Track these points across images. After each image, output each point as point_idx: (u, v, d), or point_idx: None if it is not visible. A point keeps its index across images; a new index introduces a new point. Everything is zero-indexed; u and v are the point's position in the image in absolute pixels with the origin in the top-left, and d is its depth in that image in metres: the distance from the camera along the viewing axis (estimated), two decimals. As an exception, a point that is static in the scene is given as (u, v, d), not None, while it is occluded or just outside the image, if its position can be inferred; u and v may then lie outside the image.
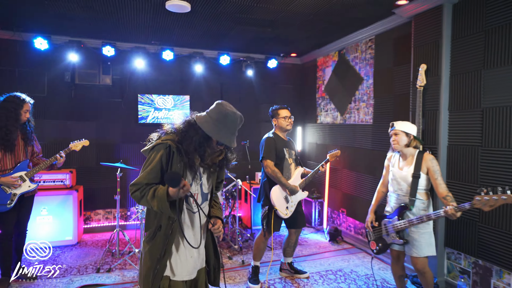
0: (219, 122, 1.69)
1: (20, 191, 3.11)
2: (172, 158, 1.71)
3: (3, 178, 3.00)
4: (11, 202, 3.04)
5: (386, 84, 4.08)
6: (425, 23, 3.36)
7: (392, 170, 2.75)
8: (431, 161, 2.59)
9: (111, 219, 5.08)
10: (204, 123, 1.70)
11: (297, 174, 3.37)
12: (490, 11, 2.87)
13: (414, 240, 2.61)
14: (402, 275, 2.87)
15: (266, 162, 3.21)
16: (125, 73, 5.08)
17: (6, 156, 3.05)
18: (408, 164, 2.66)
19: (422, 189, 2.61)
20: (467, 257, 3.10)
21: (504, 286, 2.80)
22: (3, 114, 2.99)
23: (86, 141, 3.47)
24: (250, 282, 3.32)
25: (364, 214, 4.45)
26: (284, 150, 3.30)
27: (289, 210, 3.28)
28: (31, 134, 3.23)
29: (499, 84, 2.81)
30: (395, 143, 2.68)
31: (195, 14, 3.75)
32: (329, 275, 3.59)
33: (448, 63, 3.21)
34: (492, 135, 2.87)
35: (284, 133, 3.41)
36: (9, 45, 4.53)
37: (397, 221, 2.65)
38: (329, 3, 3.44)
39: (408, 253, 2.67)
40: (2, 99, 3.06)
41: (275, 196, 3.21)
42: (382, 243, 2.79)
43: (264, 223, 3.26)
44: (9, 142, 3.01)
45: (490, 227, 2.88)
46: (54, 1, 3.43)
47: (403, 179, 2.66)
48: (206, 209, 1.89)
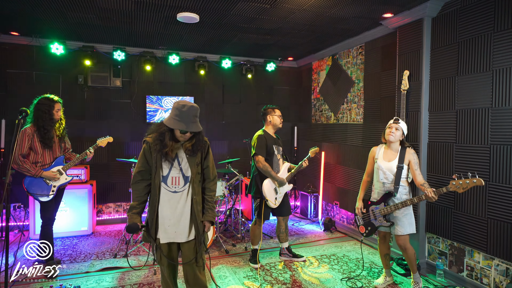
0: (176, 116, 2.21)
1: (59, 183, 3.47)
2: (150, 150, 2.29)
3: (45, 172, 3.37)
4: (52, 193, 3.42)
5: (375, 87, 4.51)
6: (408, 34, 3.79)
7: (378, 162, 3.17)
8: (413, 155, 3.05)
9: (121, 212, 5.44)
10: (166, 120, 2.24)
11: (285, 168, 3.81)
12: (462, 25, 3.30)
13: (398, 220, 3.04)
14: (388, 254, 3.32)
15: (258, 158, 3.61)
16: (134, 76, 5.45)
17: (45, 152, 3.41)
18: (393, 157, 3.09)
19: (404, 177, 3.06)
20: (444, 241, 3.53)
21: (475, 264, 3.23)
22: (39, 115, 3.32)
23: (110, 138, 3.85)
24: (251, 262, 3.78)
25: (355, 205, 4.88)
26: (273, 147, 3.71)
27: (278, 201, 3.71)
28: (64, 131, 3.59)
29: (470, 89, 3.24)
30: (392, 135, 3.06)
31: (202, 24, 4.13)
32: (324, 258, 4.01)
33: (428, 70, 3.63)
34: (464, 133, 3.30)
35: (274, 131, 3.81)
36: (28, 50, 4.88)
37: (383, 206, 3.08)
38: (323, 16, 3.85)
39: (393, 232, 3.10)
40: (35, 102, 3.38)
41: (266, 189, 3.63)
42: (370, 226, 3.21)
43: (256, 213, 3.72)
44: (48, 140, 3.36)
45: (463, 213, 3.31)
46: (74, 12, 3.78)
47: (389, 170, 3.08)
48: (190, 190, 2.35)
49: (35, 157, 3.36)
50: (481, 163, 3.14)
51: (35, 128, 3.33)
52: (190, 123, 2.21)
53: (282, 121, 3.85)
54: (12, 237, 4.62)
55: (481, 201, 3.15)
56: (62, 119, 3.53)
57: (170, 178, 2.31)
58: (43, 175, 3.36)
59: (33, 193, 3.37)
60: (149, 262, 3.78)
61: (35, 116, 3.34)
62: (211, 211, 2.43)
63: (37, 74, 4.96)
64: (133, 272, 3.55)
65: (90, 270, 3.58)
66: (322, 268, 3.74)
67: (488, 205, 3.09)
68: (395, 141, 3.09)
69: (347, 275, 3.57)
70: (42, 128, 3.32)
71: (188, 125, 2.20)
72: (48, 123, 3.35)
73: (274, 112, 3.77)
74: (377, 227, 3.18)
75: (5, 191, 2.46)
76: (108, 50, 5.22)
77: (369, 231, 3.22)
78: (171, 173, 2.31)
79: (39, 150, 3.36)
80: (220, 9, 3.64)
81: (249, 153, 5.62)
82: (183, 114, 2.20)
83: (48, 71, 5.01)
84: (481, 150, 3.14)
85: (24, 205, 4.87)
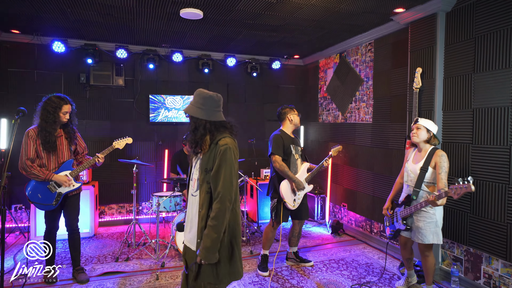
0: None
1: (65, 190, 3.17)
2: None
3: (56, 175, 3.09)
4: (56, 202, 3.13)
5: (385, 85, 4.35)
6: (421, 29, 3.62)
7: (407, 163, 3.02)
8: (441, 157, 2.77)
9: (124, 213, 5.34)
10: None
11: (303, 169, 3.64)
12: (479, 20, 3.13)
13: (419, 228, 2.86)
14: (410, 258, 3.16)
15: (275, 157, 3.47)
16: (137, 75, 5.34)
17: (50, 157, 3.13)
18: (421, 158, 2.90)
19: (428, 181, 2.85)
20: (459, 246, 3.37)
21: (493, 271, 3.07)
22: (43, 116, 3.05)
23: (129, 139, 3.53)
24: (260, 269, 3.59)
25: (364, 208, 4.74)
26: (291, 146, 3.57)
27: (296, 203, 3.55)
28: (74, 134, 3.30)
29: (487, 87, 3.08)
30: (415, 135, 2.89)
31: (206, 20, 4.01)
32: (332, 263, 3.86)
33: (442, 67, 3.47)
34: (481, 133, 3.13)
35: (292, 131, 3.68)
36: (29, 49, 4.79)
37: (403, 209, 2.94)
38: (331, 12, 3.70)
39: (414, 239, 2.93)
40: (44, 100, 3.11)
41: (284, 189, 3.48)
42: (393, 229, 3.09)
43: (273, 214, 3.53)
44: (49, 144, 3.06)
45: (480, 218, 3.15)
46: (76, 9, 3.68)
47: (413, 171, 2.91)
48: (200, 196, 1.94)
49: (38, 162, 3.09)
50: (499, 165, 2.97)
51: (38, 129, 3.08)
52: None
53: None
54: (13, 239, 4.53)
55: (500, 205, 2.98)
56: (72, 120, 3.24)
57: (192, 179, 2.08)
58: (54, 179, 3.07)
59: (35, 202, 3.10)
60: (152, 266, 3.66)
61: (39, 116, 3.08)
62: (203, 245, 1.83)
63: (38, 73, 4.87)
64: (135, 277, 3.44)
65: (91, 274, 3.46)
66: (331, 274, 3.59)
67: (508, 209, 2.92)
68: (420, 141, 2.91)
69: (357, 281, 3.42)
70: (43, 131, 3.04)
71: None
72: (51, 125, 3.07)
73: (294, 111, 3.67)
74: (399, 231, 3.04)
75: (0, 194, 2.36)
76: (110, 49, 5.12)
77: (393, 234, 3.09)
78: (192, 174, 2.08)
79: (42, 154, 3.09)
80: (225, 4, 3.51)
81: (254, 154, 5.50)
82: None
83: (49, 70, 4.91)
84: (500, 151, 2.97)
85: (25, 207, 4.79)
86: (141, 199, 5.42)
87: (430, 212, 2.82)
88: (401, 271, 3.59)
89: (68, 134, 3.23)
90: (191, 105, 1.98)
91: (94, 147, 5.08)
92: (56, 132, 3.15)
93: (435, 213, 2.83)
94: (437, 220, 2.84)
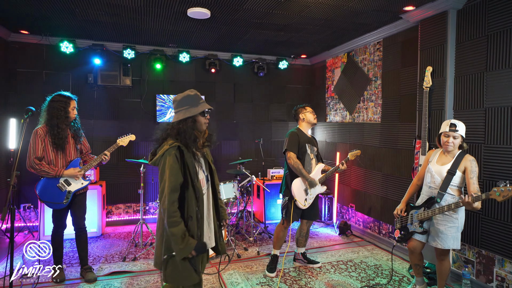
0: (188, 101, 2.01)
1: (74, 188, 3.20)
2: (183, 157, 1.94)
3: (67, 171, 3.12)
4: (66, 200, 3.16)
5: (394, 84, 4.29)
6: (431, 27, 3.57)
7: (430, 164, 2.86)
8: (471, 162, 2.65)
9: (131, 213, 5.35)
10: (181, 113, 1.98)
11: (318, 169, 3.59)
12: (492, 17, 3.07)
13: (440, 232, 2.72)
14: (419, 265, 3.01)
15: (289, 154, 3.43)
16: (144, 75, 5.35)
17: (58, 156, 3.15)
18: (447, 161, 2.76)
19: (455, 185, 2.71)
20: (471, 248, 3.30)
21: (506, 274, 3.00)
22: (53, 114, 3.06)
23: (132, 136, 3.58)
24: (267, 270, 3.55)
25: (372, 208, 4.68)
26: (306, 145, 3.52)
27: (307, 202, 3.50)
28: (80, 132, 3.32)
29: (501, 85, 3.01)
30: (452, 146, 2.70)
31: (214, 19, 3.99)
32: (340, 265, 3.82)
33: (453, 66, 3.41)
34: (494, 133, 3.07)
35: (308, 129, 3.65)
36: (37, 49, 4.82)
37: (422, 211, 2.82)
38: (340, 10, 3.66)
39: (432, 244, 2.78)
40: (49, 99, 3.13)
41: (295, 188, 3.44)
42: (405, 231, 2.94)
43: (283, 212, 3.50)
44: (61, 141, 3.09)
45: (493, 219, 3.08)
46: (84, 9, 3.69)
47: (438, 173, 2.76)
48: (210, 191, 2.13)
49: (46, 161, 3.11)
50: (513, 166, 2.91)
51: (47, 128, 3.08)
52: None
53: (316, 117, 3.69)
54: (22, 238, 4.56)
55: (513, 207, 2.91)
56: (76, 118, 3.28)
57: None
58: (64, 174, 3.11)
59: (46, 200, 3.12)
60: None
61: (49, 114, 3.08)
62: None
63: (46, 73, 4.90)
64: (142, 277, 3.43)
65: (99, 274, 3.47)
66: (339, 275, 3.55)
67: (521, 211, 2.86)
68: (454, 150, 2.76)
69: (366, 283, 3.37)
70: (56, 127, 3.05)
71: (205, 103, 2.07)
72: (64, 121, 3.10)
73: (305, 109, 3.65)
74: (411, 233, 2.92)
75: (9, 193, 2.37)
76: (117, 49, 5.13)
77: (403, 236, 2.97)
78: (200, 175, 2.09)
79: (51, 153, 3.11)
80: (233, 3, 3.49)
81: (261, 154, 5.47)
82: (195, 96, 2.05)
83: (57, 70, 4.94)
84: (513, 152, 2.91)
85: (34, 206, 4.82)
86: (148, 199, 5.42)
87: (453, 216, 2.70)
88: (411, 273, 3.53)
89: (75, 133, 3.26)
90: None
91: (101, 147, 5.09)
92: (67, 129, 3.18)
93: (458, 218, 2.71)
94: (459, 225, 2.74)
